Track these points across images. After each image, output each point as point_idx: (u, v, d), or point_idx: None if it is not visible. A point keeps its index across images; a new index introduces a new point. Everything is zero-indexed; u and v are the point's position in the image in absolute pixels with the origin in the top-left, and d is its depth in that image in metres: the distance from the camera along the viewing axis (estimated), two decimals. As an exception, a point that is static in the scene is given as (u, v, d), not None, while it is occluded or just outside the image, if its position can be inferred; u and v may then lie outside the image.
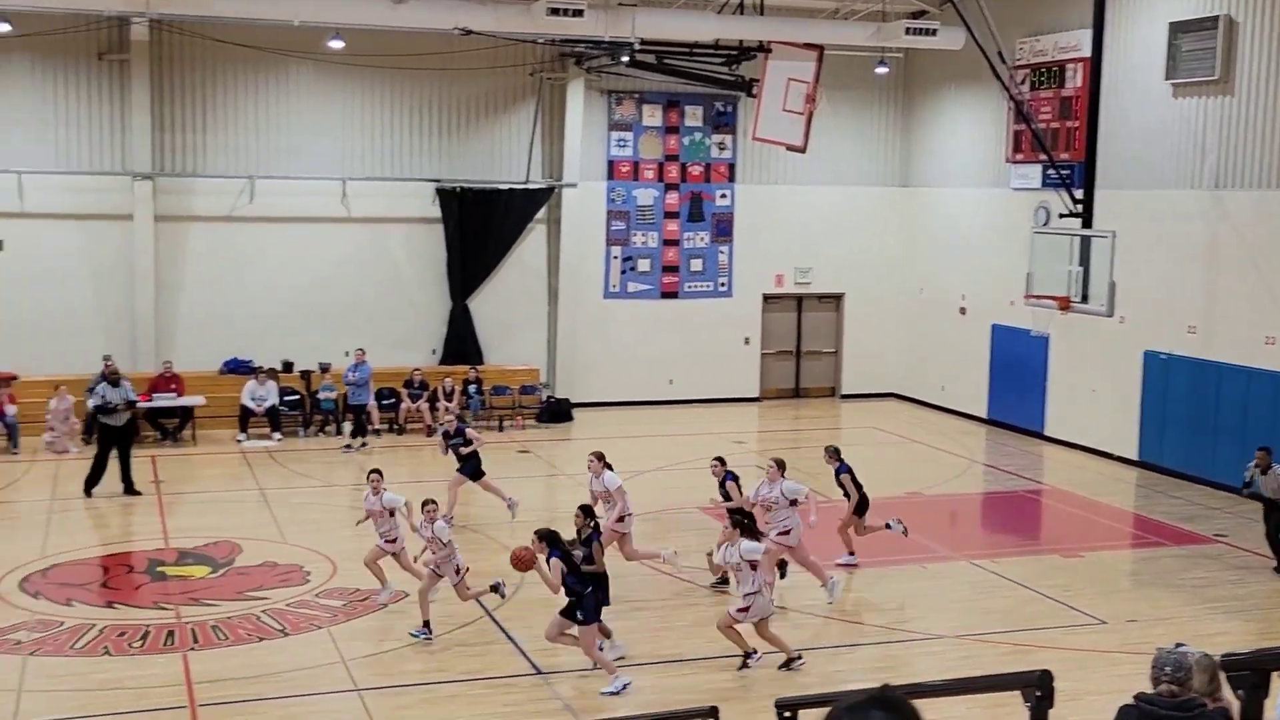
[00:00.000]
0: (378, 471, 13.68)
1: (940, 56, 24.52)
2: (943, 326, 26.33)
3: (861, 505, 15.17)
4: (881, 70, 25.58)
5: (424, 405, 23.45)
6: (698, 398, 26.51)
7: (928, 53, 24.95)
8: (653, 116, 25.99)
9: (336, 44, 22.12)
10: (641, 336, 26.21)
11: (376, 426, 22.97)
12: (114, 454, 18.40)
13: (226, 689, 11.17)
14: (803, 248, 27.07)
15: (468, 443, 16.74)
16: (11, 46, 22.07)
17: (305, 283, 24.11)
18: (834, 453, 15.42)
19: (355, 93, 24.21)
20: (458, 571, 12.59)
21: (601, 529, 13.02)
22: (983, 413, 25.18)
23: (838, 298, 27.79)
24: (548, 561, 11.43)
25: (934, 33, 21.88)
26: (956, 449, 22.94)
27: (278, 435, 22.50)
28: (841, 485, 15.25)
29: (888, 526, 14.98)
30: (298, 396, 23.33)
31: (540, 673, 11.76)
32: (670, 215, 26.32)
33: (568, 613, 11.58)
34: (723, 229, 26.66)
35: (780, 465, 14.23)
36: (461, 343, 25.05)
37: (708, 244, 26.62)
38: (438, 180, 24.64)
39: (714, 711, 7.78)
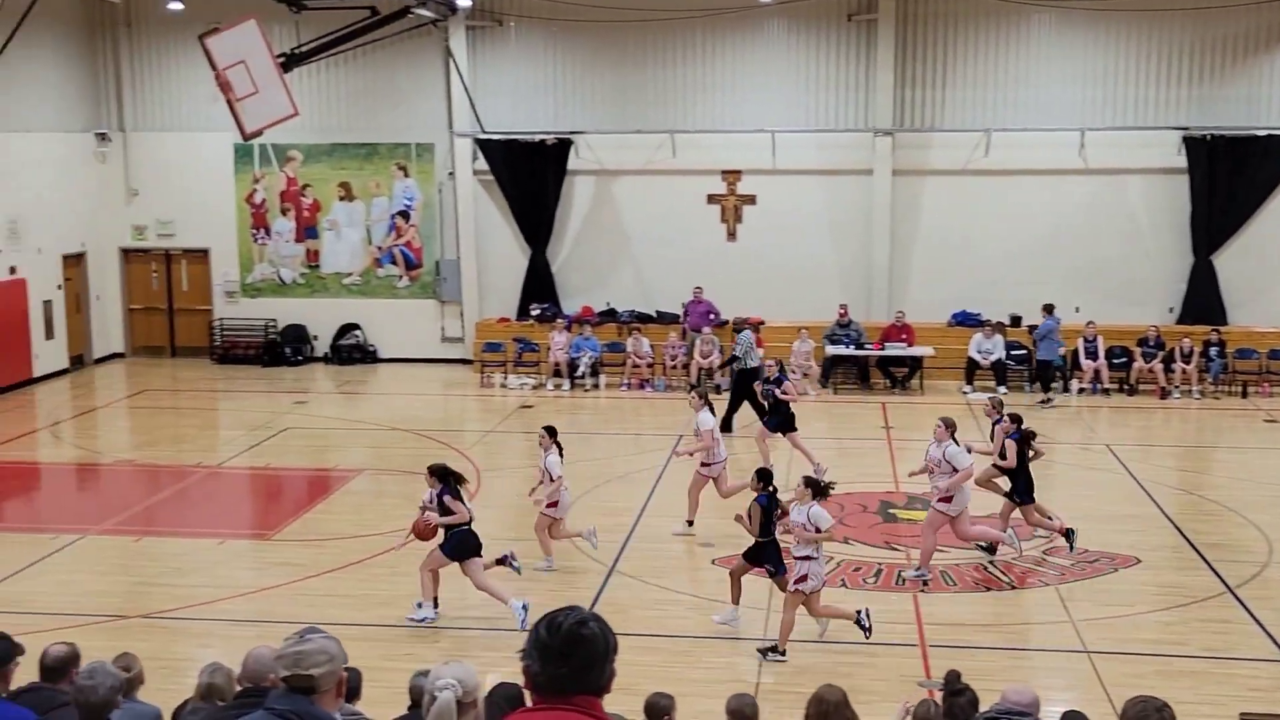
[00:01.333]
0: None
1: None
2: None
3: (1027, 489, 13.52)
4: None
5: (1158, 366, 22.29)
6: None
7: None
8: None
9: (1083, -11, 21.48)
10: None
11: (1107, 386, 22.30)
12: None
13: (955, 633, 11.38)
14: None
15: (783, 393, 16.43)
16: (769, 14, 23.75)
17: (1036, 236, 23.77)
18: (1013, 411, 14.14)
19: (1098, 39, 23.38)
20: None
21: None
22: None
23: None
24: (440, 498, 11.22)
25: None
26: None
27: (1003, 389, 22.44)
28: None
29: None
30: (1024, 351, 23.10)
31: (1290, 661, 10.80)
32: None
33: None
34: None
35: (949, 426, 12.80)
36: (1203, 301, 23.45)
37: None
38: (1185, 128, 23.17)
39: None
